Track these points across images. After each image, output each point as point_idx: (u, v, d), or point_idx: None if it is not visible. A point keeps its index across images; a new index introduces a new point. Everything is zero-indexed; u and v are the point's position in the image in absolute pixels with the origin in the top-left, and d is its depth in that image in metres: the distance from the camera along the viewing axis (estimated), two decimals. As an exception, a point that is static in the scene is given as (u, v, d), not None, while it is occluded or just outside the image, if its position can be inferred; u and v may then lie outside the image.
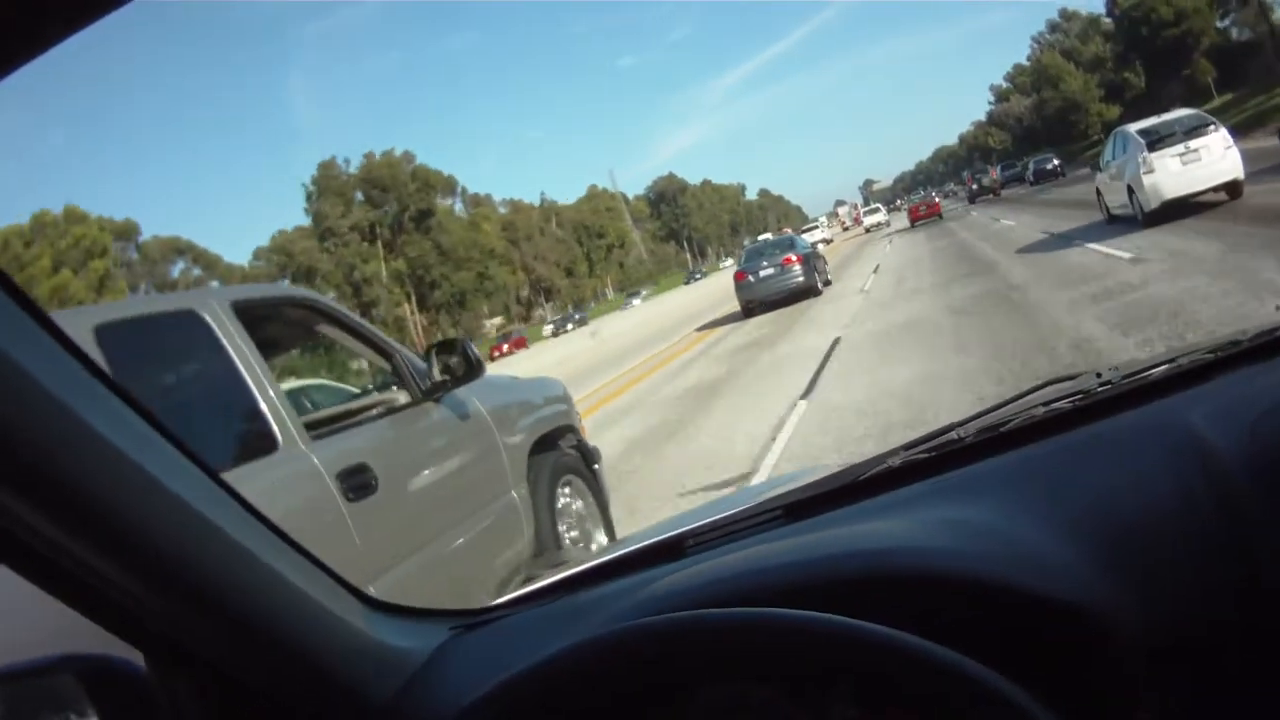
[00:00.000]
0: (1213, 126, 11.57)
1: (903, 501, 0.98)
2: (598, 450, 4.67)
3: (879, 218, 61.61)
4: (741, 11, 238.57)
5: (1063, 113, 68.88)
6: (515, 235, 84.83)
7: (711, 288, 44.58)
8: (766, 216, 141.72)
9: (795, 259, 19.13)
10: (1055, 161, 42.03)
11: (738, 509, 1.12)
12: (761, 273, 19.34)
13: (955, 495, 0.94)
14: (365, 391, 4.74)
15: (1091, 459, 0.91)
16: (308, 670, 0.81)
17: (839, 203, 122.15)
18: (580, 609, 0.99)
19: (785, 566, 0.87)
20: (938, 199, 46.89)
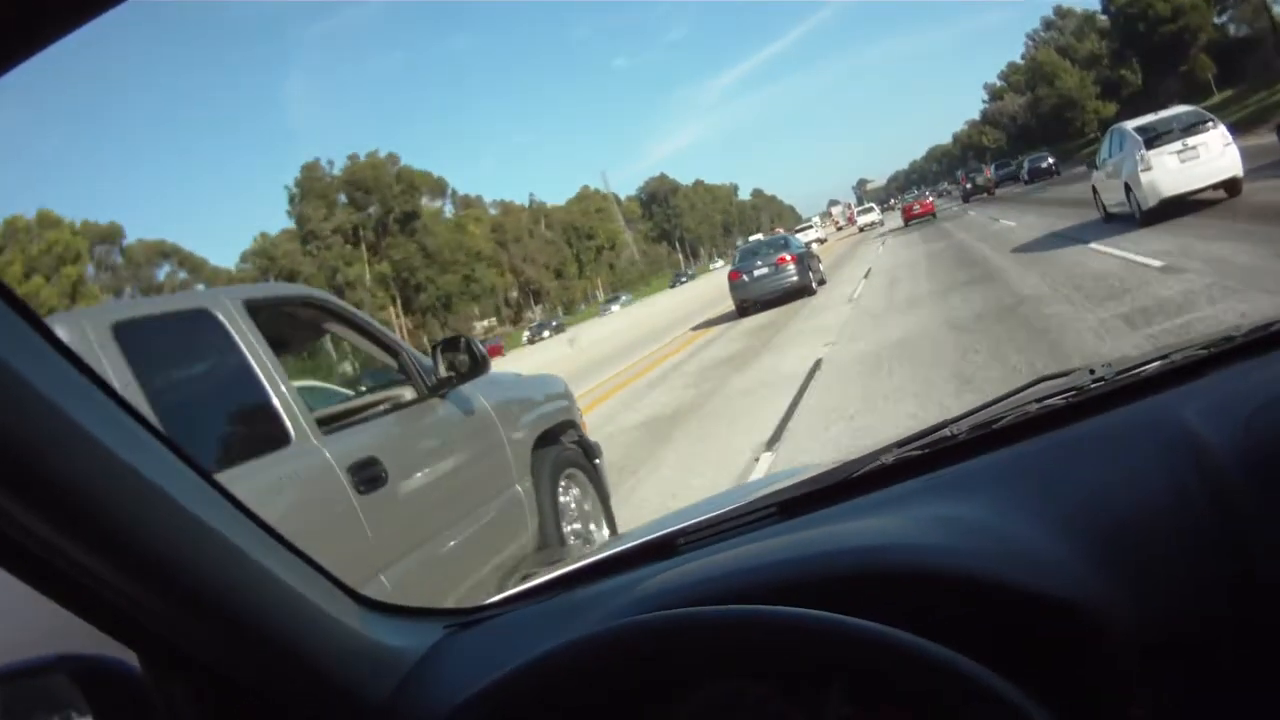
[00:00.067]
0: (1211, 123, 11.54)
1: (896, 499, 0.99)
2: (598, 445, 4.81)
3: (873, 217, 61.99)
4: (738, 12, 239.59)
5: (1058, 110, 69.31)
6: (504, 237, 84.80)
7: (699, 291, 43.07)
8: (760, 216, 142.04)
9: (789, 258, 19.28)
10: (1050, 160, 42.33)
11: (731, 507, 1.13)
12: (756, 272, 19.49)
13: (948, 492, 0.95)
14: (359, 392, 4.83)
15: (1085, 455, 0.92)
16: (302, 670, 0.82)
17: (833, 202, 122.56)
18: (574, 607, 1.00)
19: (779, 564, 0.88)
20: (931, 198, 47.40)
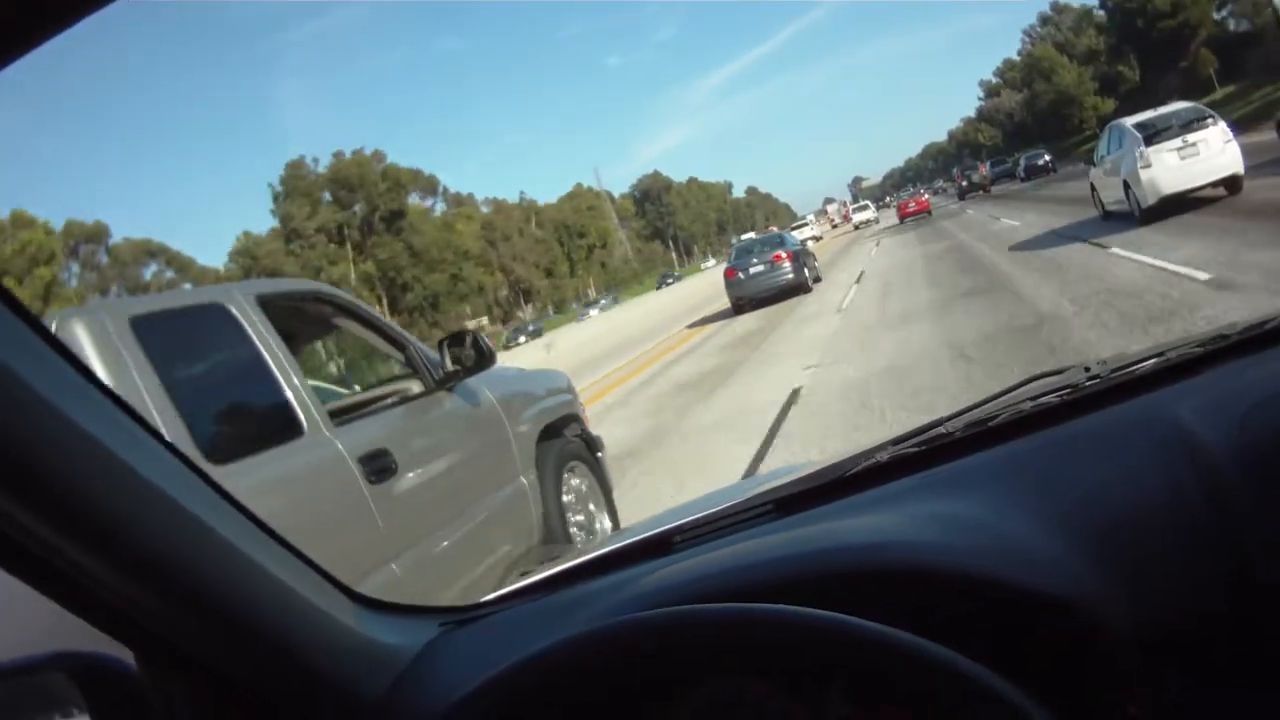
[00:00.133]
0: (1211, 120, 11.50)
1: (891, 496, 1.00)
2: (600, 439, 4.95)
3: (868, 215, 62.44)
4: (729, 11, 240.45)
5: (1056, 106, 69.59)
6: (493, 235, 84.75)
7: (686, 292, 41.63)
8: (754, 214, 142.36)
9: (785, 256, 19.43)
10: (1047, 157, 42.58)
11: (727, 504, 1.14)
12: (752, 270, 19.62)
13: (944, 490, 0.96)
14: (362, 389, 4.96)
15: (1080, 453, 0.93)
16: (297, 667, 0.83)
17: (828, 200, 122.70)
18: (570, 605, 1.01)
19: (775, 561, 0.89)
20: (927, 196, 47.98)
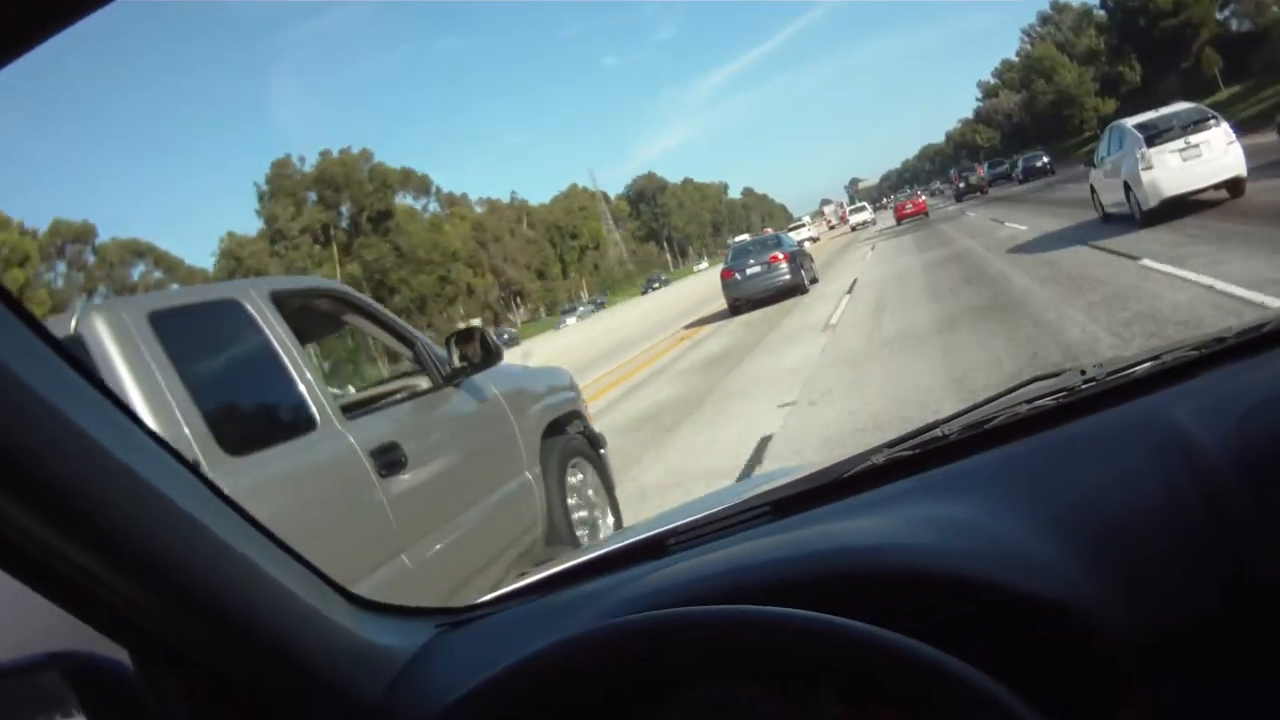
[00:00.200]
0: (1214, 121, 11.45)
1: (887, 499, 1.01)
2: (603, 436, 5.13)
3: (865, 216, 63.13)
4: (728, 11, 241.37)
5: (1056, 107, 69.89)
6: (484, 236, 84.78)
7: (673, 297, 40.50)
8: (750, 215, 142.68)
9: (782, 257, 19.65)
10: (1045, 159, 43.04)
11: (722, 506, 1.15)
12: (749, 271, 19.82)
13: (939, 492, 0.97)
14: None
15: (1076, 456, 0.94)
16: (293, 669, 0.84)
17: (825, 201, 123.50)
18: (565, 606, 1.02)
19: (769, 564, 0.90)
20: (924, 197, 48.24)
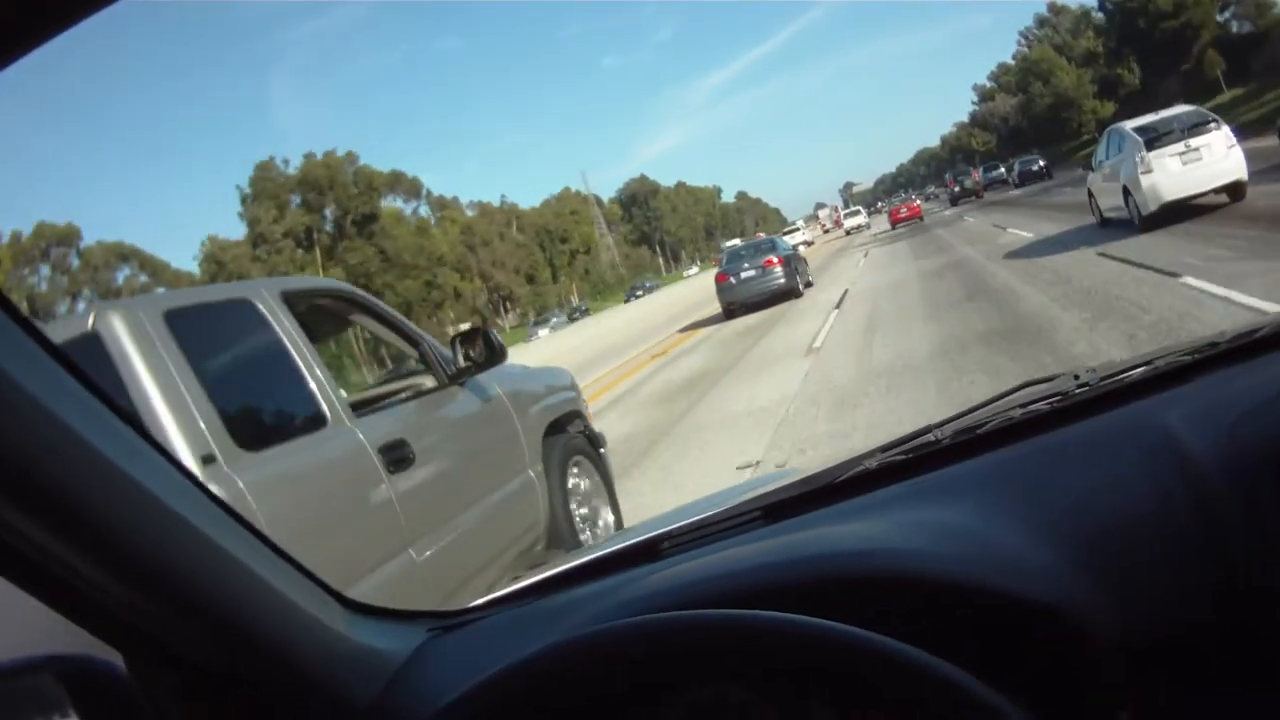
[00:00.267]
0: (1214, 124, 11.48)
1: (880, 503, 1.02)
2: (603, 435, 5.30)
3: (859, 220, 63.61)
4: (727, 12, 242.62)
5: (1053, 110, 70.16)
6: (472, 240, 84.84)
7: (656, 305, 39.25)
8: (744, 219, 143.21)
9: (777, 260, 19.86)
10: (1041, 163, 43.43)
11: (716, 510, 1.17)
12: (743, 274, 20.00)
13: (932, 497, 0.99)
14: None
15: (1068, 461, 0.95)
16: (286, 671, 0.85)
17: (819, 205, 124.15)
18: (558, 610, 1.04)
19: (762, 568, 0.91)
20: (918, 201, 48.57)
